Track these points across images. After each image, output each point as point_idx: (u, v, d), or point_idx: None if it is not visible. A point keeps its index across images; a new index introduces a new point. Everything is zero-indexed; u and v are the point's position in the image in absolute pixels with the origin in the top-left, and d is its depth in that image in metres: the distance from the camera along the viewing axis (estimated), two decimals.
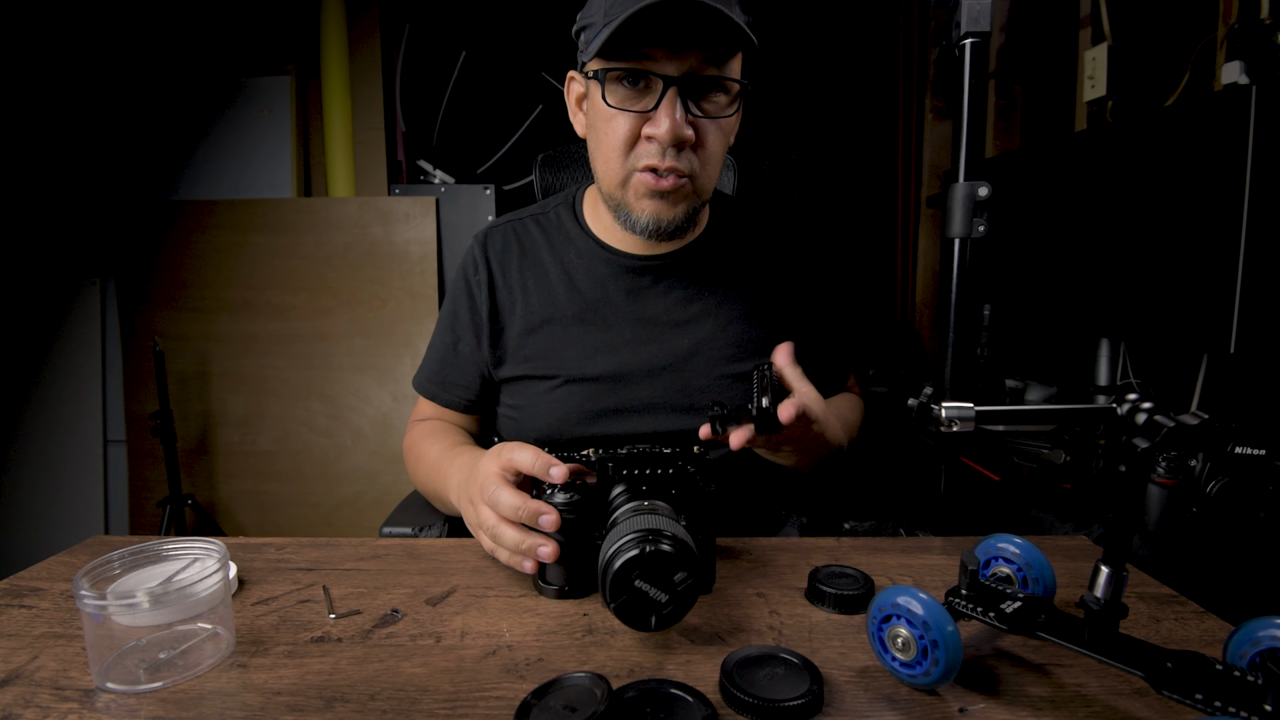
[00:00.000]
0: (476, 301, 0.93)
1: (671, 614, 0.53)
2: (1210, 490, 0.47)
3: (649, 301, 0.90)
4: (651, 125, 0.75)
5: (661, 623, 0.53)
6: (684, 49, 0.73)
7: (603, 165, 0.82)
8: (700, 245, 0.92)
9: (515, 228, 0.96)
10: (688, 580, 0.53)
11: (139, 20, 2.36)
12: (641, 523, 0.55)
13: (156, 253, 2.22)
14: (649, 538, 0.53)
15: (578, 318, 0.90)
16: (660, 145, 0.76)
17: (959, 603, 0.52)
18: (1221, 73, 1.28)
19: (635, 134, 0.77)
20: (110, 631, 0.52)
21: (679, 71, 0.74)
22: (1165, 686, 0.43)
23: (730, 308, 0.91)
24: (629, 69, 0.75)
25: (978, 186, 0.86)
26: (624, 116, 0.77)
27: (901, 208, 2.60)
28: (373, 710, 0.48)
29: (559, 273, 0.92)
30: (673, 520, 0.58)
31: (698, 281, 0.91)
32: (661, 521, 0.56)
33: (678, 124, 0.74)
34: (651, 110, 0.75)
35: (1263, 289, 1.10)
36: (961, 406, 0.70)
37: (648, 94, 0.76)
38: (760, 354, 0.92)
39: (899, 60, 2.55)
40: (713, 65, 0.75)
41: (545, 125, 2.55)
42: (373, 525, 2.19)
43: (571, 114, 0.89)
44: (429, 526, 0.95)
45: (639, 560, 0.52)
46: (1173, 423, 0.46)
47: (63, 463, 2.36)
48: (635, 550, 0.52)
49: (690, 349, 0.90)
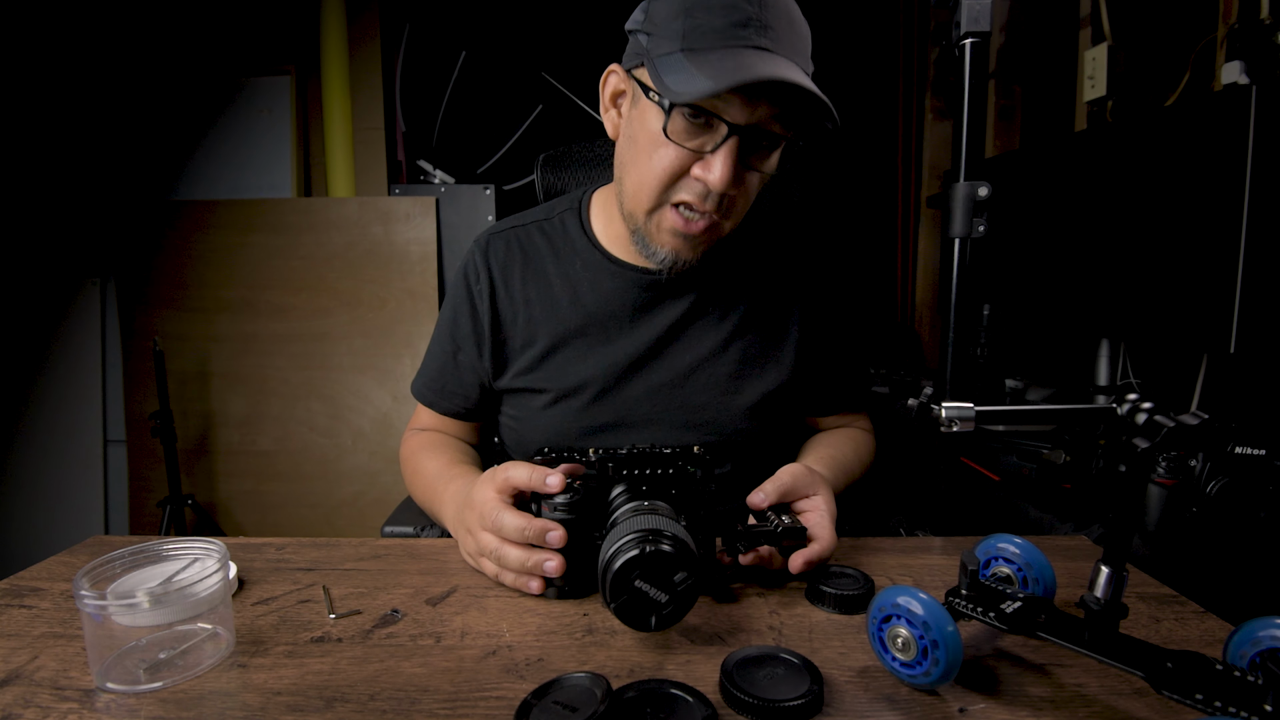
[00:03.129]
0: (478, 311, 0.91)
1: (671, 614, 0.53)
2: (1210, 490, 0.47)
3: (654, 316, 0.89)
4: (704, 169, 0.72)
5: (662, 623, 0.53)
6: (759, 98, 0.70)
7: (634, 185, 0.78)
8: (709, 261, 0.89)
9: (519, 234, 0.94)
10: (688, 580, 0.53)
11: (139, 20, 2.36)
12: (641, 523, 0.55)
13: (156, 253, 2.22)
14: (649, 538, 0.53)
15: (580, 331, 0.89)
16: (707, 190, 0.73)
17: (959, 603, 0.52)
18: (1221, 73, 1.28)
19: (684, 170, 0.74)
20: (110, 631, 0.52)
21: (746, 121, 0.70)
22: (1165, 687, 0.43)
23: (734, 324, 0.90)
24: (702, 110, 0.70)
25: (978, 186, 0.86)
26: (678, 150, 0.73)
27: (901, 208, 2.60)
28: (373, 710, 0.48)
29: (563, 285, 0.90)
30: (673, 520, 0.58)
31: (703, 297, 0.90)
32: (661, 521, 0.56)
33: (732, 177, 0.72)
34: (708, 153, 0.72)
35: (1263, 289, 1.10)
36: (961, 406, 0.70)
37: (707, 133, 0.72)
38: (762, 371, 0.91)
39: (899, 60, 2.55)
40: (779, 123, 0.73)
41: (545, 125, 2.55)
42: (373, 525, 2.19)
43: (603, 108, 0.83)
44: (429, 526, 0.95)
45: (639, 560, 0.52)
46: (1173, 423, 0.46)
47: (63, 463, 2.36)
48: (635, 550, 0.52)
49: (691, 365, 0.89)
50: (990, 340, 1.79)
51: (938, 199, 2.35)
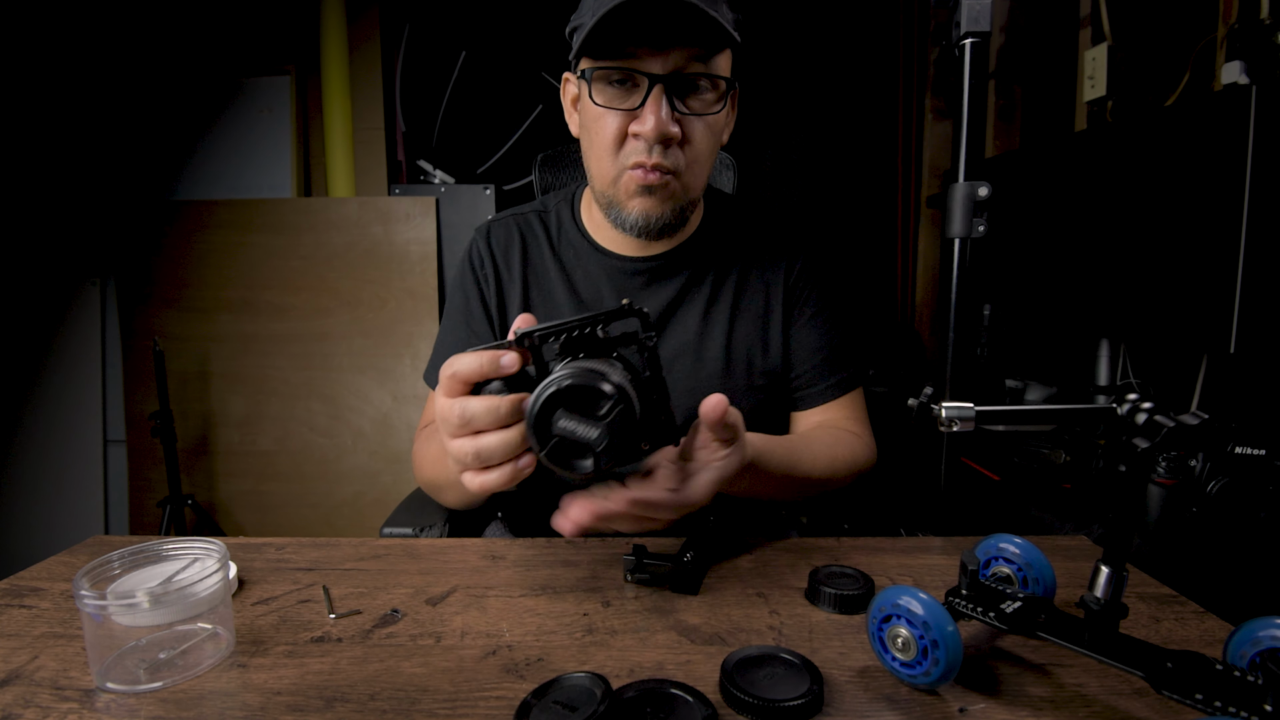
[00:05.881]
0: (486, 295, 0.94)
1: (610, 450, 0.49)
2: (1210, 490, 0.47)
3: (641, 303, 0.89)
4: (638, 123, 0.76)
5: (601, 462, 0.49)
6: (669, 46, 0.74)
7: (595, 164, 0.83)
8: (691, 246, 0.92)
9: (518, 221, 0.97)
10: (617, 407, 0.48)
11: (139, 20, 2.36)
12: (566, 368, 0.52)
13: (156, 253, 2.22)
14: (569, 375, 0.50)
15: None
16: (646, 142, 0.76)
17: (959, 603, 0.52)
18: (1221, 73, 1.28)
19: (623, 132, 0.78)
20: (110, 631, 0.52)
21: (664, 69, 0.74)
22: (1165, 687, 0.43)
23: (718, 310, 0.91)
24: (615, 67, 0.75)
25: (978, 186, 0.86)
26: (612, 115, 0.77)
27: (901, 208, 2.60)
28: (373, 710, 0.48)
29: (558, 271, 0.93)
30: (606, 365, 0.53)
31: (688, 283, 0.91)
32: (586, 363, 0.51)
33: (663, 121, 0.75)
34: (638, 108, 0.76)
35: (1263, 289, 1.10)
36: (961, 406, 0.69)
37: (635, 92, 0.77)
38: (750, 356, 0.91)
39: (899, 60, 2.55)
40: (699, 63, 0.76)
41: (545, 125, 2.55)
42: (373, 525, 2.19)
43: (567, 114, 0.89)
44: (430, 527, 0.95)
45: (557, 396, 0.48)
46: (1173, 423, 0.46)
47: (63, 463, 2.36)
48: (553, 387, 0.49)
49: (675, 352, 0.90)
50: (990, 340, 1.79)
51: (938, 199, 2.36)
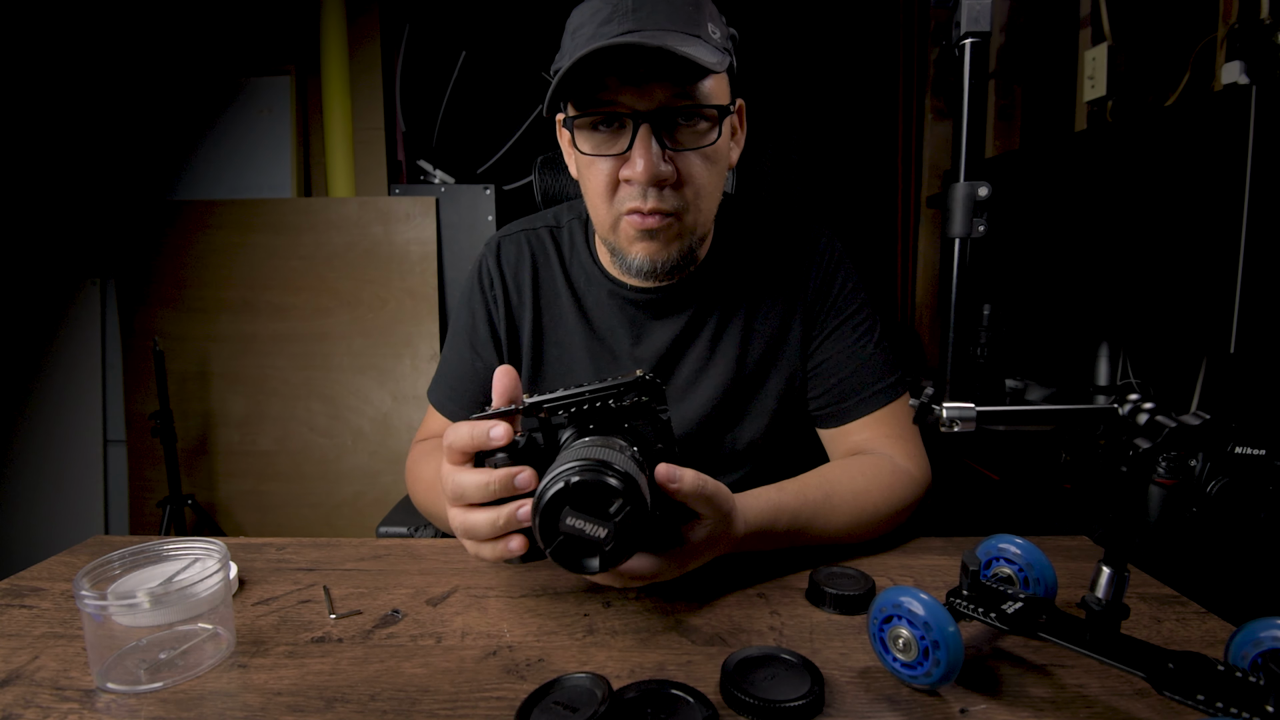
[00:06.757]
0: (494, 316, 0.91)
1: (615, 551, 0.47)
2: (1210, 490, 0.47)
3: (647, 337, 0.87)
4: (628, 167, 0.72)
5: (607, 561, 0.48)
6: (648, 83, 0.69)
7: (592, 211, 0.79)
8: (702, 274, 0.87)
9: (529, 238, 0.93)
10: (625, 508, 0.47)
11: (139, 20, 2.36)
12: (574, 454, 0.49)
13: (156, 253, 2.22)
14: (578, 468, 0.47)
15: (585, 347, 0.88)
16: (640, 186, 0.72)
17: (960, 603, 0.52)
18: (1221, 73, 1.28)
19: (615, 178, 0.74)
20: (111, 631, 0.52)
21: (648, 107, 0.70)
22: (1167, 687, 0.43)
23: (729, 337, 0.88)
24: (596, 112, 0.71)
25: (978, 186, 0.86)
26: (601, 161, 0.73)
27: (901, 208, 2.60)
28: (373, 711, 0.48)
29: (569, 295, 0.89)
30: (618, 451, 0.51)
31: (695, 317, 0.87)
32: (596, 450, 0.49)
33: (653, 163, 0.70)
34: (626, 151, 0.71)
35: (1263, 289, 1.10)
36: (961, 406, 0.69)
37: (621, 134, 0.72)
38: (766, 378, 0.88)
39: (899, 60, 2.55)
40: (684, 97, 0.71)
41: (545, 125, 2.55)
42: (373, 525, 2.17)
43: (566, 156, 0.85)
44: (425, 526, 0.95)
45: (565, 494, 0.47)
46: (1175, 423, 0.46)
47: (63, 463, 2.36)
48: (560, 484, 0.47)
49: (682, 386, 0.87)
50: (990, 340, 1.79)
51: (938, 199, 2.35)
